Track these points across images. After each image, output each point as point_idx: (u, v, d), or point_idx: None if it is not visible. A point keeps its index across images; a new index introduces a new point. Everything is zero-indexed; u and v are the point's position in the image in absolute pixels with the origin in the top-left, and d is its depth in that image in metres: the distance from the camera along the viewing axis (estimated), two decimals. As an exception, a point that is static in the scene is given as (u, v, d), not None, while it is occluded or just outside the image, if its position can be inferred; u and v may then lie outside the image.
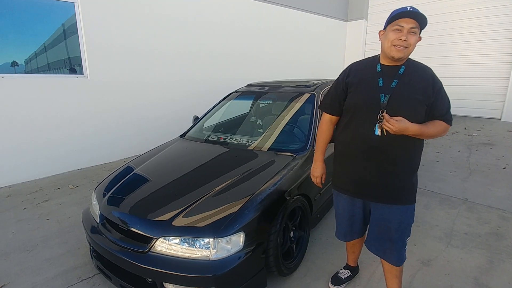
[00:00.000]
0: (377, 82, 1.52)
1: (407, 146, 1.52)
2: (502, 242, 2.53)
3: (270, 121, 3.03)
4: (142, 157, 2.71)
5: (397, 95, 1.48)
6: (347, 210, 1.77)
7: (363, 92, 1.56)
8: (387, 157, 1.53)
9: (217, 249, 1.66)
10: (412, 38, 1.43)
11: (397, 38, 1.43)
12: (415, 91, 1.47)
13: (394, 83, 1.50)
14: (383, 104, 1.48)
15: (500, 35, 7.01)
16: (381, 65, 1.56)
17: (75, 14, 4.29)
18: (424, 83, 1.48)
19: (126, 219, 1.89)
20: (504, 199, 3.27)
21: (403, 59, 1.50)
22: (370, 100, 1.52)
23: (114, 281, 1.93)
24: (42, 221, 3.06)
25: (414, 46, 1.47)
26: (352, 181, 1.67)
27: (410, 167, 1.56)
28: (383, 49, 1.52)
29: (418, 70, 1.53)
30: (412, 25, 1.42)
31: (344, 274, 2.09)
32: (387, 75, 1.52)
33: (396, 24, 1.44)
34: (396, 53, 1.45)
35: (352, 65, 1.70)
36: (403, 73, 1.50)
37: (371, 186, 1.60)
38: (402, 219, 1.60)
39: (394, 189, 1.56)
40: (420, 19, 1.42)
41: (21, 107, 3.99)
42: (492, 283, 2.06)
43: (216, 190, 1.97)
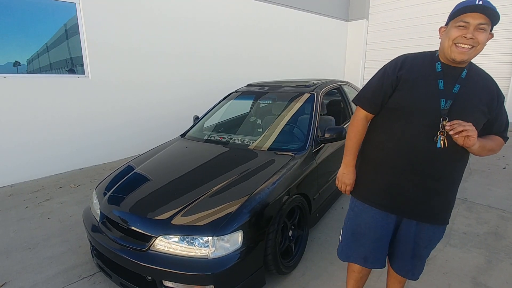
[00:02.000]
0: (437, 84, 1.29)
1: (455, 162, 1.33)
2: (501, 241, 2.53)
3: (270, 121, 3.05)
4: (143, 157, 2.73)
5: (460, 102, 1.26)
6: (375, 229, 1.47)
7: (420, 93, 1.30)
8: (434, 172, 1.32)
9: (215, 247, 1.67)
10: (480, 35, 1.19)
11: (462, 35, 1.19)
12: (479, 101, 1.27)
13: (456, 88, 1.27)
14: (443, 110, 1.25)
15: (501, 35, 7.00)
16: (442, 64, 1.31)
17: (77, 14, 4.31)
18: (490, 94, 1.29)
19: (126, 218, 1.91)
20: (504, 199, 3.28)
21: (466, 62, 1.28)
22: (429, 104, 1.28)
23: (114, 279, 1.95)
24: (44, 220, 3.08)
25: (484, 45, 1.23)
26: (387, 193, 1.42)
27: (453, 185, 1.38)
28: (443, 50, 1.29)
29: (481, 78, 1.32)
30: (481, 20, 1.17)
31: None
32: (448, 77, 1.29)
33: (460, 20, 1.20)
34: (459, 55, 1.22)
35: (405, 58, 1.39)
36: (465, 78, 1.29)
37: (413, 202, 1.38)
38: (434, 236, 1.44)
39: (433, 208, 1.38)
40: (491, 14, 1.17)
41: (23, 107, 4.02)
42: (490, 282, 2.07)
43: (215, 189, 1.99)
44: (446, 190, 1.36)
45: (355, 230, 1.55)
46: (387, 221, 1.45)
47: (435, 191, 1.35)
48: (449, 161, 1.31)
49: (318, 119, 2.71)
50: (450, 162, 1.31)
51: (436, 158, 1.30)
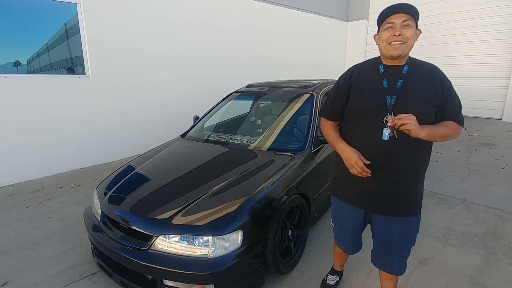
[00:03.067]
0: (382, 84, 1.43)
1: (415, 153, 1.42)
2: (499, 241, 2.55)
3: (270, 121, 3.06)
4: (143, 157, 2.74)
5: (404, 96, 1.39)
6: (352, 222, 1.65)
7: (368, 94, 1.46)
8: (394, 164, 1.42)
9: (215, 247, 1.69)
10: (407, 31, 1.34)
11: (391, 34, 1.35)
12: (423, 91, 1.38)
13: (399, 83, 1.41)
14: (390, 106, 1.39)
15: (501, 35, 7.01)
16: (384, 65, 1.47)
17: (77, 14, 4.33)
18: (433, 82, 1.40)
19: (126, 217, 1.93)
20: (502, 199, 3.29)
21: (403, 57, 1.41)
22: (376, 102, 1.42)
23: (115, 278, 1.97)
24: (45, 219, 3.10)
25: (413, 39, 1.37)
26: (355, 190, 1.56)
27: (417, 176, 1.47)
28: (381, 51, 1.45)
29: (424, 70, 1.44)
30: (404, 18, 1.34)
31: (333, 280, 2.04)
32: (391, 76, 1.44)
33: (387, 23, 1.37)
34: (394, 51, 1.36)
35: (354, 67, 1.60)
36: (407, 73, 1.42)
37: (376, 196, 1.49)
38: (407, 229, 1.51)
39: (401, 201, 1.47)
40: (410, 11, 1.34)
41: (24, 106, 4.03)
42: (488, 282, 2.08)
43: (215, 189, 2.00)
44: (409, 182, 1.45)
45: (338, 221, 1.75)
46: (358, 215, 1.62)
47: (398, 183, 1.45)
48: (407, 153, 1.41)
49: (317, 119, 2.72)
50: (407, 153, 1.41)
51: (392, 151, 1.41)
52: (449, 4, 7.64)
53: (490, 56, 7.26)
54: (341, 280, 2.09)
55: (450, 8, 7.63)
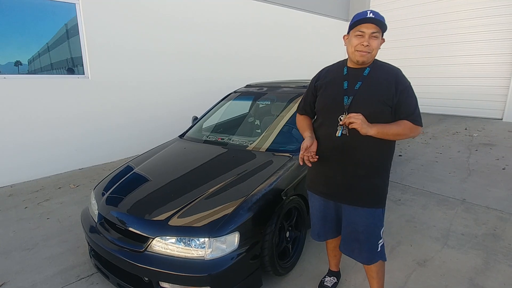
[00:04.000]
0: (342, 85, 1.57)
1: (370, 149, 1.53)
2: (499, 243, 2.53)
3: (268, 121, 3.05)
4: (141, 158, 2.73)
5: (360, 97, 1.51)
6: (320, 210, 1.77)
7: (329, 94, 1.61)
8: (350, 159, 1.55)
9: (212, 248, 1.68)
10: (374, 42, 1.47)
11: (360, 43, 1.47)
12: (377, 92, 1.49)
13: (358, 85, 1.53)
14: (345, 106, 1.52)
15: (501, 35, 6.98)
16: (347, 67, 1.60)
17: (76, 14, 4.32)
18: (386, 83, 1.50)
19: (123, 219, 1.92)
20: (503, 200, 3.27)
21: (368, 63, 1.54)
22: (335, 102, 1.56)
23: (111, 279, 1.96)
24: (43, 220, 3.10)
25: (377, 49, 1.51)
26: (323, 183, 1.69)
27: (374, 170, 1.56)
28: (348, 54, 1.57)
29: (383, 72, 1.54)
30: (373, 30, 1.45)
31: (330, 281, 2.05)
32: (352, 78, 1.56)
33: (357, 30, 1.47)
34: (360, 58, 1.49)
35: (323, 69, 1.75)
36: (367, 75, 1.54)
37: (339, 187, 1.62)
38: (368, 222, 1.60)
39: (359, 192, 1.58)
40: (380, 24, 1.45)
41: (23, 107, 4.03)
42: (488, 284, 2.07)
43: (212, 190, 1.99)
44: (368, 175, 1.56)
45: (312, 211, 1.85)
46: (326, 206, 1.73)
47: (357, 176, 1.56)
48: (363, 148, 1.52)
49: (316, 120, 2.71)
50: (360, 148, 1.52)
51: (345, 146, 1.53)
52: (449, 4, 7.62)
53: (490, 56, 7.23)
54: (339, 282, 2.09)
55: (450, 8, 7.60)
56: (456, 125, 6.84)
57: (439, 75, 7.79)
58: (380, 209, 1.61)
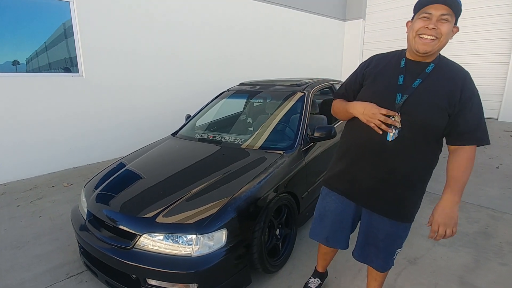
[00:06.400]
0: (397, 79, 1.32)
1: (411, 157, 1.33)
2: (490, 241, 2.53)
3: (261, 119, 3.05)
4: (131, 155, 2.73)
5: (416, 97, 1.28)
6: (336, 213, 1.58)
7: (379, 87, 1.37)
8: (386, 164, 1.36)
9: (199, 245, 1.67)
10: (444, 26, 1.21)
11: (424, 26, 1.22)
12: (437, 95, 1.26)
13: (417, 82, 1.29)
14: (397, 105, 1.29)
15: (497, 35, 6.99)
16: (406, 59, 1.35)
17: (70, 13, 4.30)
18: (452, 87, 1.26)
19: (111, 216, 1.91)
20: (495, 199, 3.27)
21: (432, 54, 1.28)
22: (384, 98, 1.32)
23: (100, 277, 1.95)
24: (35, 218, 3.08)
25: (448, 37, 1.24)
26: (346, 181, 1.51)
27: (409, 181, 1.36)
28: (409, 42, 1.32)
29: (449, 71, 1.30)
30: (443, 11, 1.19)
31: (314, 283, 1.96)
32: (410, 72, 1.32)
33: (424, 12, 1.23)
34: (422, 46, 1.24)
35: (375, 56, 1.49)
36: (430, 72, 1.29)
37: (366, 191, 1.44)
38: (391, 232, 1.45)
39: (385, 200, 1.40)
40: (452, 4, 1.19)
41: (17, 105, 4.01)
42: (477, 282, 2.07)
43: (201, 188, 1.98)
44: (400, 184, 1.36)
45: (321, 212, 1.66)
46: (345, 206, 1.55)
47: (387, 182, 1.37)
48: (402, 155, 1.33)
49: (308, 117, 2.70)
50: (403, 156, 1.33)
51: (388, 150, 1.33)
52: (446, 4, 7.62)
53: (486, 56, 7.24)
54: (323, 283, 2.02)
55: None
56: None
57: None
58: (408, 223, 1.45)
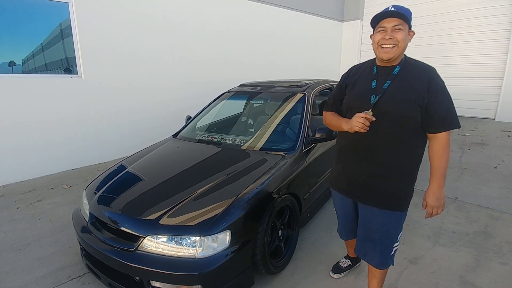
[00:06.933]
0: (371, 84, 1.53)
1: (392, 150, 1.48)
2: (490, 240, 2.55)
3: (262, 121, 3.05)
4: (133, 157, 2.72)
5: (387, 96, 1.46)
6: (341, 208, 1.81)
7: (357, 92, 1.58)
8: (371, 158, 1.53)
9: (203, 247, 1.68)
10: (398, 34, 1.41)
11: (382, 37, 1.43)
12: (407, 91, 1.43)
13: (387, 84, 1.48)
14: (372, 104, 1.48)
15: (494, 35, 7.05)
16: (377, 66, 1.56)
17: (69, 13, 4.29)
18: (419, 83, 1.43)
19: (114, 218, 1.91)
20: (494, 198, 3.30)
21: (394, 59, 1.48)
22: (361, 100, 1.53)
23: (102, 279, 1.95)
24: (35, 220, 3.07)
25: (405, 42, 1.43)
26: (344, 180, 1.69)
27: (395, 172, 1.51)
28: (374, 52, 1.54)
29: (415, 69, 1.48)
30: (395, 22, 1.40)
31: (345, 263, 2.18)
32: (381, 76, 1.52)
33: (379, 26, 1.45)
34: (385, 54, 1.45)
35: (353, 67, 1.72)
36: (397, 74, 1.48)
37: (357, 186, 1.61)
38: (384, 222, 1.57)
39: (376, 192, 1.55)
40: (402, 16, 1.39)
41: (15, 107, 3.99)
42: (478, 281, 2.08)
43: (204, 189, 1.99)
44: (391, 176, 1.52)
45: (335, 208, 1.89)
46: (346, 202, 1.75)
47: (379, 176, 1.53)
48: (385, 149, 1.50)
49: (309, 119, 2.72)
50: (386, 149, 1.49)
51: (372, 146, 1.52)
52: (444, 5, 7.68)
53: (483, 56, 7.30)
54: (354, 267, 2.21)
55: (445, 9, 7.67)
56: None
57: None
58: (399, 212, 1.56)
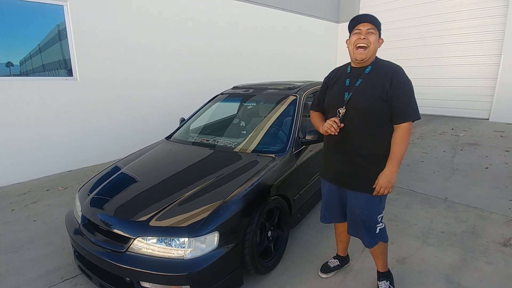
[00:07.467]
0: (345, 82, 1.76)
1: (366, 141, 1.70)
2: (477, 240, 2.60)
3: (254, 123, 3.09)
4: (125, 160, 2.76)
5: (358, 93, 1.68)
6: (326, 195, 1.99)
7: (334, 91, 1.81)
8: (350, 150, 1.75)
9: (192, 248, 1.71)
10: (371, 37, 1.64)
11: (358, 38, 1.65)
12: (375, 87, 1.64)
13: (358, 82, 1.70)
14: (345, 100, 1.71)
15: (488, 36, 7.12)
16: (351, 67, 1.79)
17: (64, 16, 4.32)
18: (384, 80, 1.63)
19: (105, 220, 1.94)
20: (483, 198, 3.35)
21: (367, 60, 1.69)
22: (337, 98, 1.76)
23: (94, 280, 1.98)
24: (29, 222, 3.10)
25: (375, 45, 1.66)
26: (330, 170, 1.91)
27: (372, 160, 1.72)
28: (350, 54, 1.73)
29: (383, 69, 1.69)
30: (368, 26, 1.64)
31: (333, 263, 2.24)
32: (354, 76, 1.74)
33: (356, 29, 1.67)
34: (359, 55, 1.66)
35: (334, 69, 1.95)
36: (368, 73, 1.70)
37: (342, 174, 1.82)
38: (365, 205, 1.77)
39: (358, 179, 1.75)
40: (374, 22, 1.64)
41: (11, 109, 4.02)
42: (463, 280, 2.12)
43: (194, 191, 2.02)
44: (365, 164, 1.73)
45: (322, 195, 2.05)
46: (331, 189, 1.94)
47: (355, 164, 1.75)
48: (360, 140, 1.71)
49: (299, 121, 2.75)
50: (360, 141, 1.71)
51: (348, 138, 1.73)
52: (437, 6, 7.74)
53: (477, 57, 7.37)
54: (343, 266, 2.27)
55: (438, 10, 7.73)
56: (443, 125, 6.95)
57: (428, 76, 7.88)
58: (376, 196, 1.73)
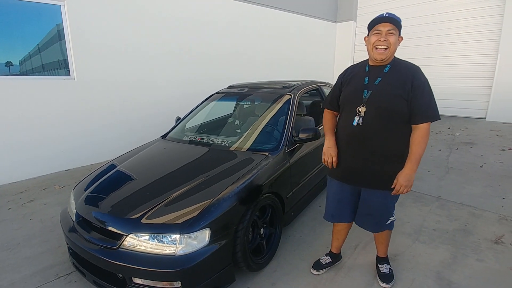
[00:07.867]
0: (363, 80, 1.76)
1: (384, 139, 1.71)
2: (468, 238, 2.62)
3: (249, 121, 3.12)
4: (120, 158, 2.78)
5: (378, 91, 1.69)
6: (337, 193, 1.98)
7: (351, 89, 1.80)
8: (366, 148, 1.74)
9: (183, 244, 1.73)
10: (391, 38, 1.64)
11: (378, 39, 1.65)
12: (395, 86, 1.65)
13: (378, 80, 1.71)
14: (364, 99, 1.71)
15: (485, 36, 7.14)
16: (369, 66, 1.79)
17: (61, 16, 4.34)
18: (405, 79, 1.65)
19: (98, 217, 1.97)
20: (477, 197, 3.37)
21: (387, 60, 1.70)
22: (355, 95, 1.76)
23: (88, 277, 2.00)
24: (26, 220, 3.12)
25: (396, 45, 1.66)
26: (342, 168, 1.89)
27: (389, 158, 1.73)
28: (368, 52, 1.75)
29: (403, 68, 1.71)
30: (389, 27, 1.63)
31: (325, 260, 2.26)
32: (373, 74, 1.74)
33: (376, 29, 1.67)
34: (378, 55, 1.67)
35: (349, 67, 1.94)
36: (387, 72, 1.71)
37: (357, 172, 1.82)
38: (383, 201, 1.83)
39: (374, 177, 1.77)
40: (395, 22, 1.63)
41: (8, 108, 4.04)
42: (453, 277, 2.15)
43: (186, 189, 2.04)
44: (382, 162, 1.74)
45: (327, 195, 2.07)
46: (343, 188, 1.94)
47: (372, 162, 1.76)
48: (377, 138, 1.71)
49: (293, 119, 2.78)
50: (378, 139, 1.71)
51: (362, 135, 1.73)
52: (435, 6, 7.76)
53: (474, 57, 7.39)
54: (335, 263, 2.28)
55: (436, 10, 7.75)
56: (440, 124, 6.97)
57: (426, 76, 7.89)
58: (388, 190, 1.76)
